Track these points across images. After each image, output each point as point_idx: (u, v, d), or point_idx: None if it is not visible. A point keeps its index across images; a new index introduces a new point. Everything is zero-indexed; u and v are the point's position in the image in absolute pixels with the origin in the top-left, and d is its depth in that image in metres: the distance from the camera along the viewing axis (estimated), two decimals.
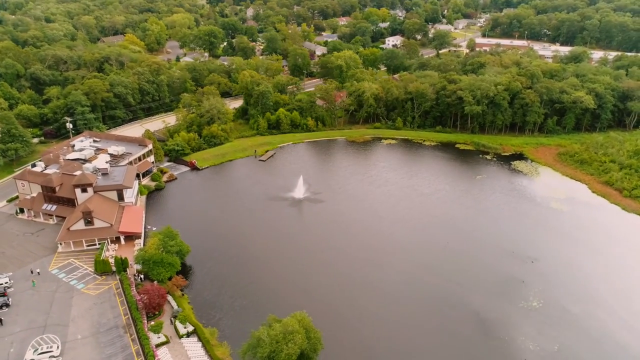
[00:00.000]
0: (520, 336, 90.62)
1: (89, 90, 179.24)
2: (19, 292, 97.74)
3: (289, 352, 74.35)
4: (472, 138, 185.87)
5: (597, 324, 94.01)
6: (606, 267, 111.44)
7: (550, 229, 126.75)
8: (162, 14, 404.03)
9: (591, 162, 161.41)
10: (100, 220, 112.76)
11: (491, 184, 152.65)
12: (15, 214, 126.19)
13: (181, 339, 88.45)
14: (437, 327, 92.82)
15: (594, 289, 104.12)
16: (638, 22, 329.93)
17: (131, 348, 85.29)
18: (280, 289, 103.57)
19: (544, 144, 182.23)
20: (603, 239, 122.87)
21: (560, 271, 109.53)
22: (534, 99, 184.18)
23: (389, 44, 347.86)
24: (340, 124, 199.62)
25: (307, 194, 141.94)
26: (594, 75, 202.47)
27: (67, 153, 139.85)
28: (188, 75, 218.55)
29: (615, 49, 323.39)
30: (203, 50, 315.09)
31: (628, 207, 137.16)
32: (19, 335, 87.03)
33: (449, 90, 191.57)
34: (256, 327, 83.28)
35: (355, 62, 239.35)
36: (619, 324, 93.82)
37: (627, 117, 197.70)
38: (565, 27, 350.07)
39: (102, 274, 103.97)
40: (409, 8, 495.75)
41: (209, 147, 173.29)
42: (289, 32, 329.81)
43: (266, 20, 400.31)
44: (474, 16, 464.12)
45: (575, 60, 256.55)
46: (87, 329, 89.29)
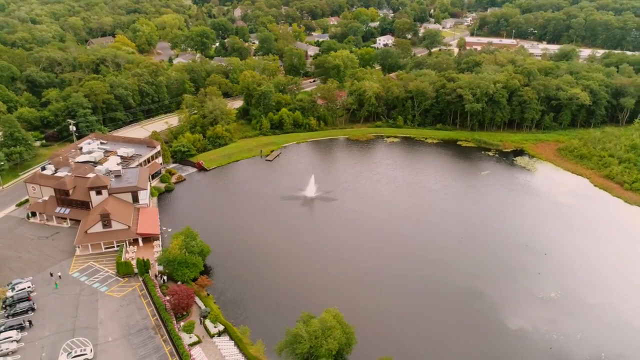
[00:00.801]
0: (543, 326, 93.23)
1: (89, 92, 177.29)
2: (42, 296, 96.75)
3: (329, 348, 75.60)
4: (473, 135, 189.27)
5: (614, 312, 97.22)
6: (616, 257, 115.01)
7: (558, 222, 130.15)
8: (150, 14, 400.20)
9: (590, 156, 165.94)
10: (117, 222, 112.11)
11: (496, 179, 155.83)
12: (27, 217, 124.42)
13: (212, 338, 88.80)
14: (460, 319, 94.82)
15: (606, 278, 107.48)
16: (622, 20, 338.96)
17: (164, 349, 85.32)
18: (301, 286, 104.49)
19: (542, 140, 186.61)
20: (610, 230, 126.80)
21: (572, 262, 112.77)
22: (531, 96, 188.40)
23: (380, 44, 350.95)
24: (341, 123, 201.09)
25: (319, 193, 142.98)
26: (587, 72, 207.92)
27: (76, 156, 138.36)
28: (186, 76, 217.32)
29: (600, 47, 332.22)
30: (195, 51, 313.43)
31: (630, 200, 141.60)
32: (48, 339, 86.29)
33: (448, 89, 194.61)
34: (284, 325, 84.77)
35: (352, 61, 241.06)
36: (635, 311, 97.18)
37: (619, 113, 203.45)
38: (552, 25, 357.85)
39: (124, 275, 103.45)
40: (395, 8, 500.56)
41: (214, 147, 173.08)
42: (281, 32, 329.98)
43: (256, 21, 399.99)
44: (460, 15, 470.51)
45: (564, 58, 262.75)
46: (117, 331, 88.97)
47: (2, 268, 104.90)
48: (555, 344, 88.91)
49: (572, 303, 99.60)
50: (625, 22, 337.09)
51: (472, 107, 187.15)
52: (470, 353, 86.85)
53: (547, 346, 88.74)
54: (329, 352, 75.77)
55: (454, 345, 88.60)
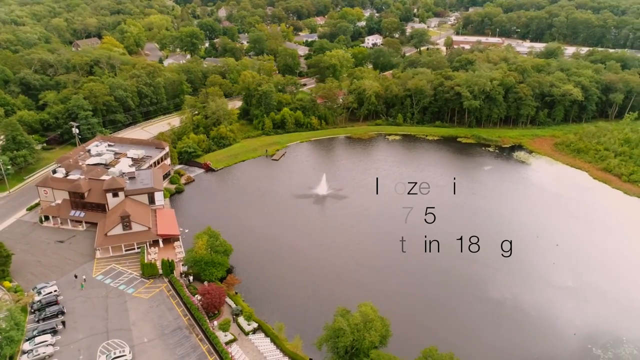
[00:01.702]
0: (564, 313, 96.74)
1: (89, 95, 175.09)
2: (70, 299, 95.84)
3: (371, 340, 77.12)
4: (472, 131, 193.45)
5: (629, 297, 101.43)
6: (623, 245, 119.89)
7: (564, 214, 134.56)
8: (134, 15, 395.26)
9: (587, 150, 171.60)
10: (137, 224, 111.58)
11: (499, 174, 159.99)
12: (40, 222, 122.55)
13: (247, 335, 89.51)
14: (483, 310, 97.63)
15: (617, 266, 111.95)
16: (601, 19, 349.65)
17: (201, 348, 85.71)
18: (325, 281, 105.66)
19: (539, 135, 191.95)
20: (614, 221, 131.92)
21: (583, 252, 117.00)
22: (527, 93, 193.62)
23: (369, 43, 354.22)
24: (341, 122, 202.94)
25: (330, 191, 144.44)
26: (577, 69, 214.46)
27: (86, 158, 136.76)
28: (183, 77, 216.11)
29: (581, 45, 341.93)
30: (185, 52, 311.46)
31: (629, 191, 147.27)
32: (83, 342, 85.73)
33: (446, 87, 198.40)
34: (313, 320, 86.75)
35: (347, 61, 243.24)
36: None
37: (609, 108, 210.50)
38: (535, 24, 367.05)
39: (149, 277, 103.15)
40: (379, 8, 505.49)
41: (218, 148, 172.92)
42: (270, 32, 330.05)
43: (242, 21, 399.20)
44: (443, 15, 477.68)
45: (550, 55, 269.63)
46: (151, 332, 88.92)
47: (24, 273, 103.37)
48: (578, 330, 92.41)
49: (589, 290, 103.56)
50: (605, 21, 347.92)
51: (470, 104, 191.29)
52: (498, 341, 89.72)
53: (571, 332, 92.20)
54: (372, 344, 77.41)
55: (482, 335, 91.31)
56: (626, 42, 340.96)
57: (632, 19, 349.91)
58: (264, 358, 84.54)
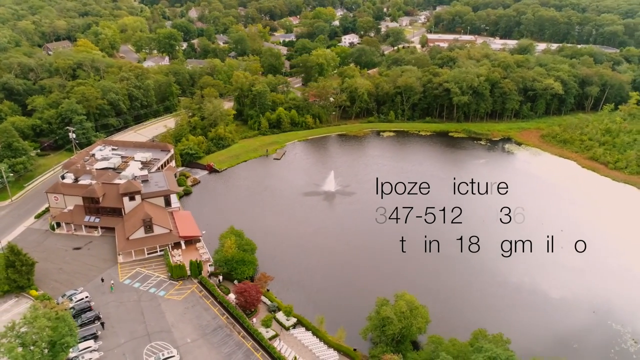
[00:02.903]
0: (581, 293, 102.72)
1: (81, 99, 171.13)
2: (102, 305, 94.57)
3: (419, 326, 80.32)
4: (462, 126, 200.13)
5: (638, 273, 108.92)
6: (620, 227, 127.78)
7: (560, 201, 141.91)
8: (103, 17, 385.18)
9: (573, 141, 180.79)
10: (159, 226, 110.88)
11: (495, 166, 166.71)
12: (51, 229, 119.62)
13: (288, 330, 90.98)
14: (505, 292, 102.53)
15: (619, 247, 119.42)
16: (566, 16, 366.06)
17: (246, 344, 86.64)
18: (349, 274, 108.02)
19: (524, 128, 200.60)
20: (607, 206, 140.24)
21: (586, 235, 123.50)
22: (511, 88, 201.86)
23: (346, 42, 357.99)
24: (334, 120, 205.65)
25: (338, 187, 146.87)
26: (554, 64, 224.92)
27: (93, 163, 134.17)
28: (172, 79, 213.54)
29: (547, 41, 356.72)
30: (162, 53, 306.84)
31: (617, 178, 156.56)
32: (126, 346, 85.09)
33: (435, 83, 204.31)
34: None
35: (333, 60, 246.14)
36: None
37: (585, 101, 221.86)
38: (503, 22, 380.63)
39: (178, 279, 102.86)
40: (349, 7, 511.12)
41: (218, 149, 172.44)
42: (248, 32, 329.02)
43: (216, 22, 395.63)
44: (413, 13, 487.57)
45: (523, 51, 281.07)
46: (193, 332, 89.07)
47: (47, 281, 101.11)
48: (597, 308, 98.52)
49: (599, 270, 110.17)
50: (569, 18, 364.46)
51: (459, 100, 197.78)
52: (522, 321, 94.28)
53: (591, 310, 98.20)
54: (419, 330, 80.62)
55: (508, 316, 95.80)
56: (589, 38, 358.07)
57: (594, 16, 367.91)
58: (309, 351, 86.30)
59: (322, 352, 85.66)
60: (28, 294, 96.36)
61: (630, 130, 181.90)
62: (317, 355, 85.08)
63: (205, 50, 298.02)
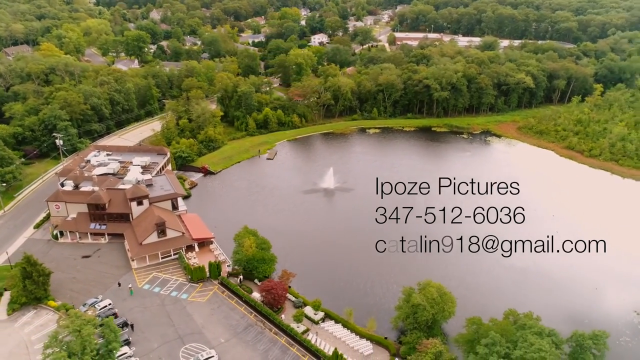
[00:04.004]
0: (579, 271, 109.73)
1: (64, 104, 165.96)
2: (126, 311, 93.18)
3: (450, 311, 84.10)
4: (443, 121, 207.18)
5: (622, 248, 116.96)
6: (604, 209, 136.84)
7: (546, 187, 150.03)
8: (62, 20, 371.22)
9: (548, 132, 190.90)
10: (172, 230, 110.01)
11: (481, 158, 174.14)
12: (54, 238, 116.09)
13: (318, 324, 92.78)
14: (512, 274, 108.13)
15: (610, 228, 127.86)
16: (524, 13, 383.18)
17: (280, 340, 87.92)
18: (364, 266, 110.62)
19: (501, 121, 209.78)
20: (589, 191, 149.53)
21: (576, 218, 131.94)
22: (487, 83, 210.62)
23: (315, 42, 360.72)
24: (319, 119, 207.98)
25: (337, 184, 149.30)
26: (523, 60, 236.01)
27: (90, 169, 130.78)
28: (152, 82, 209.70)
29: (507, 37, 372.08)
30: (130, 56, 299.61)
31: (594, 165, 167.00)
32: (161, 350, 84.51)
33: (415, 80, 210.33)
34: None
35: (311, 59, 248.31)
36: None
37: (553, 93, 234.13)
38: (465, 20, 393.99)
39: (198, 281, 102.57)
40: (312, 7, 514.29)
41: (209, 151, 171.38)
42: (218, 33, 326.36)
43: (180, 23, 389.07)
44: (376, 12, 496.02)
45: (488, 48, 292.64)
46: (225, 332, 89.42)
47: (63, 291, 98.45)
48: (599, 285, 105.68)
49: (594, 251, 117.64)
50: (527, 15, 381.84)
51: (440, 95, 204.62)
52: (529, 299, 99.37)
53: (593, 287, 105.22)
54: (450, 314, 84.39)
55: (517, 296, 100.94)
56: (546, 34, 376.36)
57: (549, 13, 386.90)
58: (342, 342, 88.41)
59: (355, 343, 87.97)
60: (46, 305, 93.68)
61: (598, 120, 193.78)
62: (352, 346, 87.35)
63: (176, 53, 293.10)
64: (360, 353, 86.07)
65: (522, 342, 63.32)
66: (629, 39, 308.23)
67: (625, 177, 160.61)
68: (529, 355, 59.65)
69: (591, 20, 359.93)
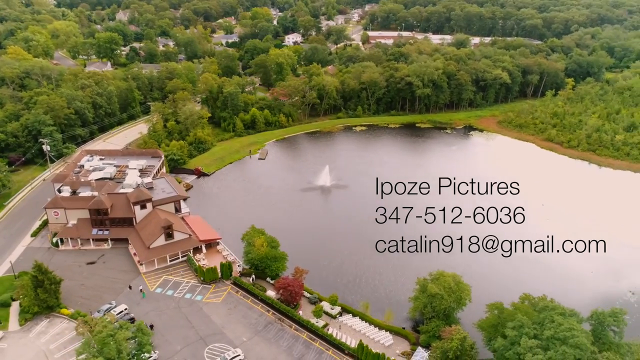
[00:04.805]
0: (572, 256, 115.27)
1: (47, 109, 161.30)
2: (142, 315, 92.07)
3: (466, 298, 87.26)
4: (426, 117, 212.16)
5: (605, 229, 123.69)
6: (587, 197, 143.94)
7: (532, 178, 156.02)
8: (25, 22, 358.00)
9: (527, 125, 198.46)
10: (179, 232, 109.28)
11: (467, 152, 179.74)
12: (55, 246, 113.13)
13: (336, 318, 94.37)
14: (519, 261, 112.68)
15: (594, 213, 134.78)
16: (491, 11, 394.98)
17: (301, 336, 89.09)
18: (370, 261, 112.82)
19: (481, 115, 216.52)
20: (572, 180, 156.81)
21: (565, 204, 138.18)
22: (467, 79, 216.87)
23: (289, 41, 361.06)
24: (305, 118, 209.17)
25: (333, 182, 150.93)
26: (497, 56, 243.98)
27: (87, 174, 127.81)
28: (134, 84, 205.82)
29: (475, 35, 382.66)
30: (102, 59, 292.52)
31: (573, 155, 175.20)
32: (185, 352, 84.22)
33: (397, 77, 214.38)
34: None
35: (292, 59, 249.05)
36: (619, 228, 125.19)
37: (527, 88, 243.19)
38: (435, 18, 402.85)
39: (210, 282, 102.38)
40: (281, 7, 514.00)
41: (199, 153, 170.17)
42: (193, 34, 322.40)
43: (150, 24, 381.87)
44: (345, 12, 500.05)
45: (460, 45, 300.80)
46: (245, 331, 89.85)
47: (73, 298, 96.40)
48: (595, 267, 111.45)
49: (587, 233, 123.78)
50: (494, 13, 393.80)
51: (422, 92, 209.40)
52: (528, 287, 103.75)
53: (589, 271, 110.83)
54: (466, 302, 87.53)
55: (517, 284, 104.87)
56: (512, 31, 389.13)
57: (515, 10, 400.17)
58: (363, 335, 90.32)
59: (375, 334, 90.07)
60: (59, 314, 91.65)
61: (573, 113, 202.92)
62: (372, 338, 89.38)
63: (151, 54, 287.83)
64: (381, 344, 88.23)
65: (548, 322, 66.74)
66: (592, 34, 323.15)
67: (602, 166, 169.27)
68: (561, 334, 63.04)
69: (555, 17, 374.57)
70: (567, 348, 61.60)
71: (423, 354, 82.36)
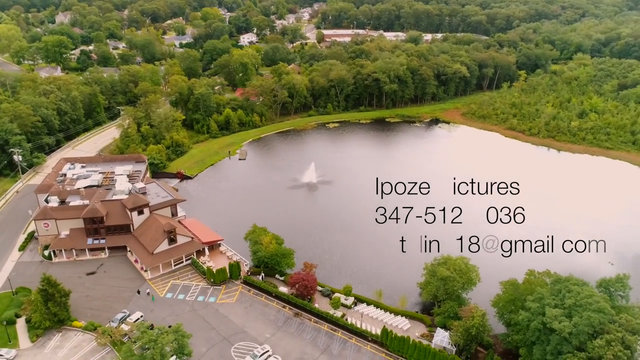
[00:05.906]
0: (562, 232, 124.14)
1: (13, 117, 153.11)
2: (159, 321, 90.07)
3: (476, 278, 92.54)
4: (395, 112, 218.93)
5: (586, 213, 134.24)
6: (557, 180, 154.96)
7: (502, 166, 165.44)
8: None
9: (489, 116, 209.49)
10: (182, 236, 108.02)
11: (438, 143, 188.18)
12: (47, 259, 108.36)
13: (351, 308, 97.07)
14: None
15: (558, 191, 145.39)
16: (438, 8, 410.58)
17: (322, 328, 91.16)
18: (372, 251, 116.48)
19: (445, 108, 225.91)
20: (539, 166, 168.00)
21: (536, 190, 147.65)
22: (430, 74, 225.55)
23: (245, 41, 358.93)
24: (277, 117, 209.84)
25: (319, 178, 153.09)
26: (454, 51, 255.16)
27: (72, 183, 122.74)
28: (97, 89, 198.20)
29: (424, 31, 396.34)
30: (51, 63, 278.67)
31: (536, 142, 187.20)
32: (211, 353, 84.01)
33: (364, 74, 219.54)
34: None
35: (256, 59, 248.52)
36: (587, 214, 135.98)
37: (483, 81, 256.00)
38: (385, 16, 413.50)
39: (220, 283, 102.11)
40: (229, 7, 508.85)
41: (177, 156, 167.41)
42: (147, 36, 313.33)
43: (96, 27, 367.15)
44: (295, 11, 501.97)
45: (414, 42, 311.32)
46: (267, 328, 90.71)
47: (82, 310, 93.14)
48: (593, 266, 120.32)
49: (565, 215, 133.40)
50: (441, 10, 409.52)
51: (390, 88, 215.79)
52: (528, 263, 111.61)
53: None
54: (476, 282, 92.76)
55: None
56: (458, 27, 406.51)
57: (460, 7, 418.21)
58: (380, 322, 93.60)
59: (392, 320, 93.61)
60: (71, 326, 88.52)
61: (529, 103, 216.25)
62: (390, 323, 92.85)
63: (104, 57, 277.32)
64: (400, 328, 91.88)
65: (566, 292, 72.64)
66: (533, 29, 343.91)
67: (562, 150, 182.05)
68: (583, 301, 68.98)
69: (497, 13, 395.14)
70: (591, 313, 67.62)
71: (444, 334, 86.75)
